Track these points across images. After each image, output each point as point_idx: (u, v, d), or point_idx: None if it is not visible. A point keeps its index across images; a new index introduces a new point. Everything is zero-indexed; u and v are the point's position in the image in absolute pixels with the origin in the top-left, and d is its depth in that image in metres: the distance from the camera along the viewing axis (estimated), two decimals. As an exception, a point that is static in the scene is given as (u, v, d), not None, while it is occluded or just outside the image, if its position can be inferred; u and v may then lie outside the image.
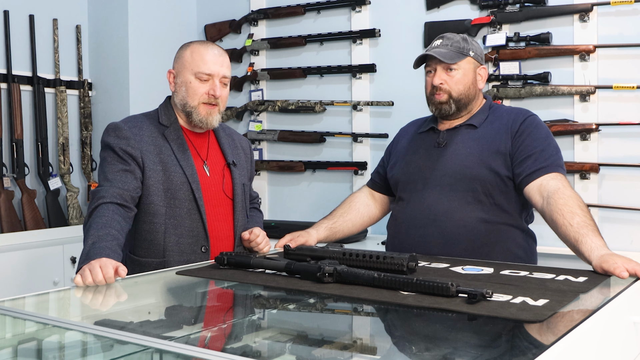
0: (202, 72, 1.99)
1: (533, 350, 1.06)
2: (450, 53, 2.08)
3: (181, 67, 2.02)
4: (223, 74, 2.02)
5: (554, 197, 1.85)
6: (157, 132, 2.02)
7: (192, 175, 1.98)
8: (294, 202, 3.55)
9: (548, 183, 1.91)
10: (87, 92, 3.57)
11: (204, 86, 2.00)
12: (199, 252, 1.97)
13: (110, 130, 1.99)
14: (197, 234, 1.97)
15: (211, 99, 2.01)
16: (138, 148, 1.95)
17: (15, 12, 3.30)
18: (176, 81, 2.04)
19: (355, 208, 2.29)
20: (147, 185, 1.94)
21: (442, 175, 2.06)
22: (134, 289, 1.67)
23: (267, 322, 1.38)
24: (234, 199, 2.08)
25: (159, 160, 1.96)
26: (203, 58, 1.99)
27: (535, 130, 2.03)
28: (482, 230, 1.99)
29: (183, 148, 2.01)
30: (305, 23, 3.50)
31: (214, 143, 2.13)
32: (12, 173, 3.21)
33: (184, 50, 2.05)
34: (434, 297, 1.35)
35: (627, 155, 2.70)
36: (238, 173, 2.12)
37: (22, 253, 2.87)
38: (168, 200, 1.95)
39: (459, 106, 2.10)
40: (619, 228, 2.71)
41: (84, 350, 1.25)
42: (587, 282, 1.53)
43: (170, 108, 2.08)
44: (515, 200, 2.04)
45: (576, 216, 1.78)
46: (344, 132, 3.37)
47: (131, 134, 1.97)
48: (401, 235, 2.10)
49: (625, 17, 2.71)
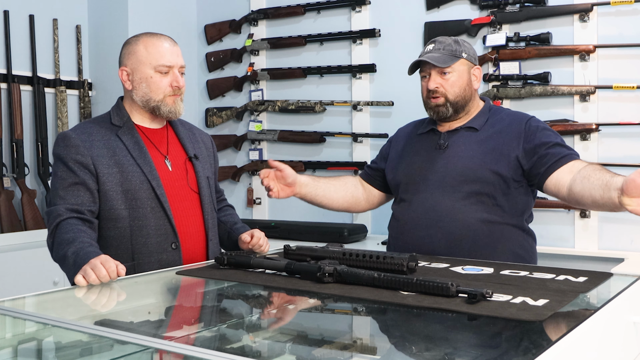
0: (162, 64, 1.95)
1: (533, 350, 1.06)
2: (443, 57, 2.09)
3: (136, 63, 1.97)
4: (181, 64, 1.99)
5: (586, 168, 1.89)
6: (109, 134, 1.96)
7: (151, 173, 1.93)
8: (294, 202, 3.53)
9: (581, 164, 1.95)
10: (87, 92, 3.57)
11: (165, 78, 1.96)
12: (170, 250, 1.92)
13: (60, 141, 1.92)
14: (164, 232, 1.92)
15: (175, 90, 1.97)
16: (88, 155, 1.89)
17: (15, 12, 3.30)
18: (132, 78, 1.98)
19: (343, 181, 2.34)
20: (105, 191, 1.88)
21: (444, 176, 2.07)
22: (134, 289, 1.67)
23: (267, 322, 1.38)
24: (200, 192, 2.04)
25: (114, 163, 1.91)
26: (159, 51, 1.96)
27: (545, 129, 2.07)
28: (485, 231, 2.00)
29: (139, 146, 1.96)
30: (305, 23, 3.49)
31: (173, 137, 2.08)
32: (12, 173, 3.21)
33: (134, 45, 1.99)
34: (434, 297, 1.35)
35: (627, 155, 2.70)
36: (201, 166, 2.07)
37: (22, 253, 2.87)
38: (129, 202, 1.90)
39: (456, 108, 2.12)
40: (619, 228, 2.71)
41: (84, 350, 1.25)
42: (587, 282, 1.53)
43: (122, 108, 2.02)
44: (516, 201, 2.05)
45: (607, 173, 1.81)
46: (344, 132, 3.37)
47: (80, 141, 1.90)
48: (404, 237, 2.10)
49: (625, 17, 2.71)
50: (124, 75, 2.00)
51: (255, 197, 3.63)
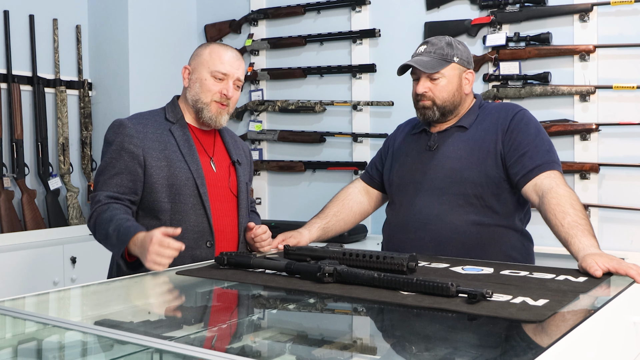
0: (218, 70, 2.02)
1: (533, 350, 1.06)
2: (432, 61, 2.05)
3: (198, 64, 2.05)
4: (237, 77, 2.05)
5: (547, 197, 1.85)
6: (162, 128, 2.03)
7: (197, 171, 1.99)
8: (294, 202, 3.55)
9: (542, 182, 1.91)
10: (87, 92, 3.57)
11: (217, 85, 2.03)
12: (204, 247, 1.98)
13: (115, 127, 2.00)
14: (202, 229, 1.98)
15: (223, 99, 2.03)
16: (140, 146, 1.95)
17: (15, 12, 3.30)
18: (191, 77, 2.06)
19: (348, 207, 2.29)
20: (151, 183, 1.95)
21: (433, 178, 2.05)
22: (134, 289, 1.67)
23: (267, 322, 1.38)
24: (239, 196, 2.10)
25: (163, 157, 1.97)
26: (221, 58, 2.03)
27: (526, 127, 2.02)
28: (474, 233, 1.98)
29: (189, 144, 2.03)
30: (305, 23, 3.50)
31: (219, 142, 2.16)
32: (12, 173, 3.21)
33: (203, 48, 2.08)
34: (434, 297, 1.35)
35: (627, 155, 2.70)
36: (242, 171, 2.15)
37: (22, 253, 2.87)
38: (173, 196, 1.96)
39: (443, 112, 2.09)
40: (619, 228, 2.71)
41: (84, 350, 1.25)
42: (587, 282, 1.53)
43: (177, 106, 2.10)
44: (507, 201, 2.02)
45: (567, 216, 1.77)
46: (344, 132, 3.37)
47: (135, 131, 1.97)
48: (394, 240, 2.11)
49: (625, 17, 2.71)
50: (186, 72, 2.08)
51: (255, 197, 3.63)
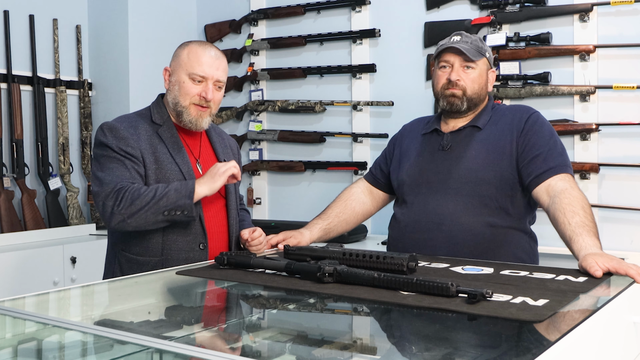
0: (196, 73, 1.97)
1: (533, 350, 1.06)
2: (471, 50, 2.07)
3: (177, 65, 2.01)
4: (217, 78, 2.01)
5: (560, 196, 1.86)
6: (151, 130, 2.00)
7: (189, 173, 1.97)
8: (294, 202, 3.55)
9: (556, 184, 1.92)
10: (87, 92, 3.57)
11: (196, 87, 1.98)
12: (197, 250, 1.97)
13: (106, 131, 1.96)
14: (194, 232, 1.97)
15: (202, 101, 1.99)
16: (137, 148, 1.94)
17: (15, 12, 3.30)
18: (170, 79, 2.03)
19: (350, 207, 2.28)
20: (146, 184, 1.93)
21: (447, 178, 2.04)
22: (134, 289, 1.67)
23: (267, 322, 1.38)
24: (227, 197, 2.09)
25: (154, 159, 1.96)
26: (199, 59, 1.98)
27: (541, 129, 2.03)
28: (488, 234, 1.98)
29: (178, 146, 2.01)
30: (305, 23, 3.50)
31: (206, 142, 2.13)
32: (12, 173, 3.21)
33: (182, 49, 2.03)
34: (434, 297, 1.35)
35: (627, 155, 2.70)
36: None
37: (22, 253, 2.87)
38: None
39: (470, 105, 2.09)
40: (619, 228, 2.71)
41: (84, 350, 1.25)
42: (587, 282, 1.53)
43: (162, 106, 2.06)
44: (519, 203, 2.02)
45: (577, 216, 1.78)
46: (344, 132, 3.37)
47: (128, 134, 1.95)
48: (405, 239, 2.08)
49: (625, 17, 2.71)
50: (166, 74, 2.05)
51: (255, 197, 3.63)
